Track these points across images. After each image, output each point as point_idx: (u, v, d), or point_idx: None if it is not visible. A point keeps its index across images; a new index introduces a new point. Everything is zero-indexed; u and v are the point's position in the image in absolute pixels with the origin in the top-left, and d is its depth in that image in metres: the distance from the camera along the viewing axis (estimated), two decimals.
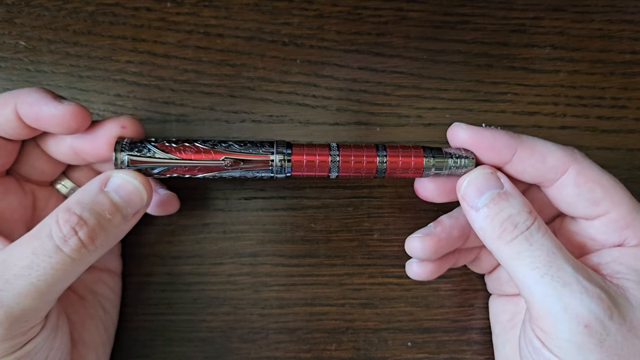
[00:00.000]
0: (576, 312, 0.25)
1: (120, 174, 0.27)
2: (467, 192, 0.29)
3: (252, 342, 0.36)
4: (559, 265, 0.26)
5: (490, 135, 0.28)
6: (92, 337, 0.32)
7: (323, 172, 0.29)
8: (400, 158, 0.29)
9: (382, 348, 0.36)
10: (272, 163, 0.28)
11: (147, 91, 0.35)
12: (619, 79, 0.36)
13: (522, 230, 0.27)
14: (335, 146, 0.29)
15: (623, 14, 0.35)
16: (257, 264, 0.36)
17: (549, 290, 0.25)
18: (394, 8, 0.35)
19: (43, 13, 0.35)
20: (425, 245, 0.30)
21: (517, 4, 0.35)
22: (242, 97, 0.35)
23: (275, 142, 0.29)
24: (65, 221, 0.25)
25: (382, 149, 0.29)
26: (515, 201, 0.27)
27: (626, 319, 0.25)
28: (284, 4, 0.35)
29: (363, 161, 0.29)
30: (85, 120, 0.27)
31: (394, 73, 0.35)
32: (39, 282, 0.25)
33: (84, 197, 0.26)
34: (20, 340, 0.25)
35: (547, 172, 0.28)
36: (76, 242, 0.25)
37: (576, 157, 0.28)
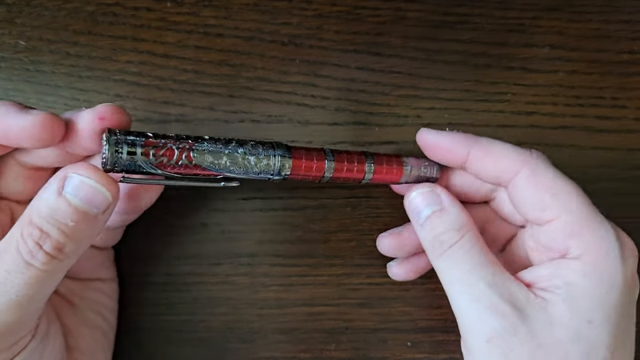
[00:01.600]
0: (479, 327, 0.27)
1: (75, 174, 0.25)
2: (411, 206, 0.31)
3: (250, 342, 0.36)
4: (472, 282, 0.27)
5: (447, 137, 0.30)
6: (88, 344, 0.31)
7: (318, 174, 0.30)
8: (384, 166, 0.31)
9: (381, 348, 0.36)
10: (272, 168, 0.28)
11: (146, 91, 0.35)
12: (617, 78, 0.36)
13: (445, 249, 0.29)
14: (330, 153, 0.30)
15: (620, 14, 0.36)
16: (255, 264, 0.36)
17: (462, 304, 0.28)
18: (392, 8, 0.35)
19: (43, 13, 0.35)
20: (392, 243, 0.33)
21: (515, 4, 0.35)
22: (241, 97, 0.35)
23: (274, 144, 0.29)
24: (29, 235, 0.24)
25: (370, 158, 0.31)
26: (447, 218, 0.29)
27: (536, 336, 0.26)
28: (283, 4, 0.35)
29: (354, 169, 0.31)
30: (58, 130, 0.25)
31: (392, 73, 0.36)
32: (17, 298, 0.24)
33: (42, 206, 0.24)
34: (9, 354, 0.25)
35: (501, 173, 0.29)
36: (43, 256, 0.24)
37: (531, 159, 0.29)
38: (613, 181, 0.36)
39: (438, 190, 0.31)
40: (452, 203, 0.30)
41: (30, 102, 0.35)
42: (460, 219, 0.29)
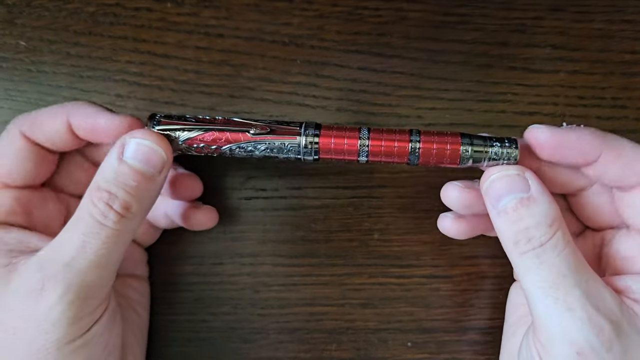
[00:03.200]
0: (572, 338, 0.24)
1: (132, 139, 0.27)
2: (489, 190, 0.27)
3: (252, 342, 0.36)
4: (566, 289, 0.25)
5: (574, 137, 0.27)
6: (129, 340, 0.32)
7: (352, 157, 0.28)
8: (434, 144, 0.27)
9: (383, 348, 0.36)
10: (299, 144, 0.28)
11: (147, 91, 0.35)
12: (619, 79, 0.36)
13: (534, 246, 0.25)
14: (366, 130, 0.28)
15: (623, 14, 0.35)
16: (257, 264, 0.36)
17: (551, 310, 0.25)
18: (394, 8, 0.35)
19: (44, 13, 0.35)
20: (464, 197, 0.29)
21: (517, 4, 0.35)
22: (242, 97, 0.35)
23: (303, 123, 0.29)
24: (99, 199, 0.26)
25: (416, 134, 0.28)
26: (537, 210, 0.26)
27: (627, 353, 0.24)
28: (284, 5, 0.35)
29: (394, 145, 0.28)
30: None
31: (394, 73, 0.35)
32: (97, 258, 0.26)
33: (107, 172, 0.27)
34: (89, 320, 0.27)
35: (632, 177, 0.27)
36: (114, 215, 0.26)
37: None
38: None
39: (527, 174, 0.27)
40: (543, 191, 0.26)
41: (31, 102, 0.35)
42: (552, 211, 0.26)
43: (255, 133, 0.28)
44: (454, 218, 0.31)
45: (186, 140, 0.29)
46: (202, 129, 0.28)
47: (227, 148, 0.29)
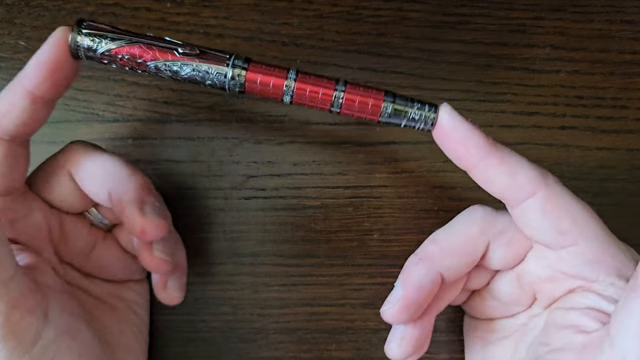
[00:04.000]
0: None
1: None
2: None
3: (252, 342, 0.36)
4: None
5: (467, 130, 0.27)
6: (129, 342, 0.32)
7: (276, 96, 0.28)
8: (358, 97, 0.27)
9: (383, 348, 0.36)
10: (225, 74, 0.27)
11: (147, 91, 0.35)
12: (619, 79, 0.36)
13: None
14: (294, 72, 0.28)
15: (623, 14, 0.35)
16: (257, 264, 0.36)
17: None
18: (394, 8, 0.35)
19: (43, 13, 0.35)
20: (399, 311, 0.28)
21: (517, 4, 0.35)
22: (242, 98, 0.35)
23: (233, 54, 0.28)
24: None
25: (342, 84, 0.28)
26: None
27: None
28: (284, 4, 0.35)
29: (319, 92, 0.28)
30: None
31: (394, 73, 0.35)
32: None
33: None
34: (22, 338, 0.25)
35: (515, 190, 0.27)
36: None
37: (548, 181, 0.27)
38: (614, 181, 0.36)
39: None
40: None
41: None
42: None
43: (184, 53, 0.27)
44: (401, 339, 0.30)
45: (111, 49, 0.27)
46: (130, 41, 0.27)
47: (152, 64, 0.27)
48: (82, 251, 0.32)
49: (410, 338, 0.29)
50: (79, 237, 0.31)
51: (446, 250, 0.29)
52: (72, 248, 0.31)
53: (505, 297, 0.30)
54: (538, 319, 0.30)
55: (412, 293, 0.28)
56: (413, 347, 0.29)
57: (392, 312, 0.28)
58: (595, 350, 0.25)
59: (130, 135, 0.35)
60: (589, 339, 0.26)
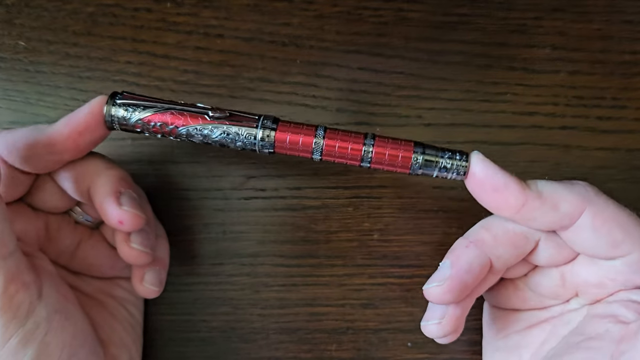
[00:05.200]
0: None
1: None
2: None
3: (252, 342, 0.36)
4: None
5: (502, 179, 0.26)
6: (121, 338, 0.32)
7: (306, 154, 0.29)
8: (387, 150, 0.28)
9: (383, 348, 0.36)
10: (255, 135, 0.28)
11: (147, 92, 0.35)
12: (619, 79, 0.36)
13: None
14: (322, 129, 0.28)
15: (623, 15, 0.35)
16: (257, 264, 0.36)
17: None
18: (394, 8, 0.35)
19: (42, 14, 0.35)
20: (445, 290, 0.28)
21: (517, 4, 0.35)
22: (241, 98, 0.35)
23: (262, 116, 0.29)
24: None
25: (370, 138, 0.28)
26: None
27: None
28: (284, 5, 0.35)
29: (348, 147, 0.28)
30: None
31: (393, 73, 0.35)
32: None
33: None
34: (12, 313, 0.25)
35: (561, 219, 0.27)
36: None
37: (590, 197, 0.26)
38: (614, 182, 0.36)
39: None
40: None
41: (30, 102, 0.35)
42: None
43: (214, 117, 0.28)
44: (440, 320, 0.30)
45: (144, 117, 0.28)
46: (161, 108, 0.28)
47: (183, 129, 0.28)
48: (67, 249, 0.32)
49: (451, 318, 0.29)
50: (65, 236, 0.32)
51: (499, 239, 0.28)
52: (58, 247, 0.31)
53: (543, 290, 0.30)
54: (576, 313, 0.30)
55: (461, 274, 0.28)
56: (453, 327, 0.29)
57: (437, 291, 0.28)
58: (632, 340, 0.25)
59: (130, 136, 0.35)
60: (627, 329, 0.26)
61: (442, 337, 0.30)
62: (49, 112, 0.35)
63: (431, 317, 0.30)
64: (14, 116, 0.35)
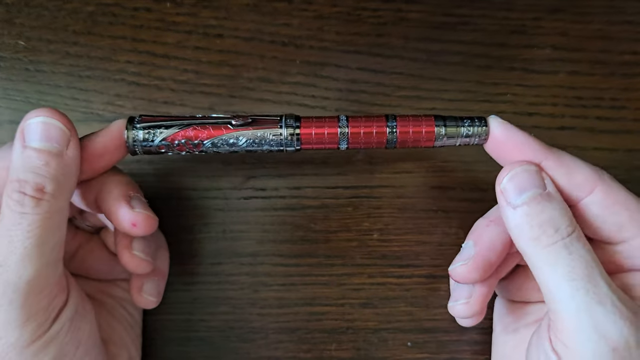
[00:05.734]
0: (606, 334, 0.24)
1: (27, 121, 0.26)
2: (508, 187, 0.27)
3: (251, 342, 0.36)
4: (596, 281, 0.25)
5: (522, 138, 0.28)
6: (120, 337, 0.32)
7: (333, 145, 0.29)
8: (411, 128, 0.29)
9: (382, 348, 0.36)
10: (281, 135, 0.28)
11: (146, 91, 0.35)
12: (619, 80, 0.36)
13: (563, 236, 0.25)
14: (345, 118, 0.29)
15: (623, 15, 0.35)
16: (257, 264, 0.36)
17: (582, 306, 0.24)
18: (393, 9, 0.35)
19: (42, 13, 0.35)
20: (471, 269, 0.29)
21: (517, 4, 0.35)
22: (241, 98, 0.35)
23: (283, 115, 0.29)
24: (12, 190, 0.25)
25: (392, 119, 0.29)
26: (557, 205, 0.26)
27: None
28: (284, 5, 0.35)
29: (373, 132, 0.29)
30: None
31: (393, 74, 0.35)
32: (26, 249, 0.25)
33: (15, 162, 0.26)
34: (43, 318, 0.26)
35: (573, 188, 0.27)
36: (30, 200, 0.25)
37: (604, 177, 0.27)
38: None
39: (543, 174, 0.27)
40: (556, 190, 0.27)
41: (30, 102, 0.35)
42: (568, 208, 0.27)
43: (237, 124, 0.28)
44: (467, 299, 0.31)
45: (167, 137, 0.28)
46: (182, 125, 0.28)
47: (208, 142, 0.28)
48: (66, 254, 0.31)
49: (478, 297, 0.30)
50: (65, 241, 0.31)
51: None
52: None
53: None
54: None
55: (485, 252, 0.29)
56: (480, 306, 0.30)
57: (463, 269, 0.29)
58: None
59: None
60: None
61: (469, 318, 0.30)
62: None
63: (458, 297, 0.30)
64: (14, 115, 0.35)
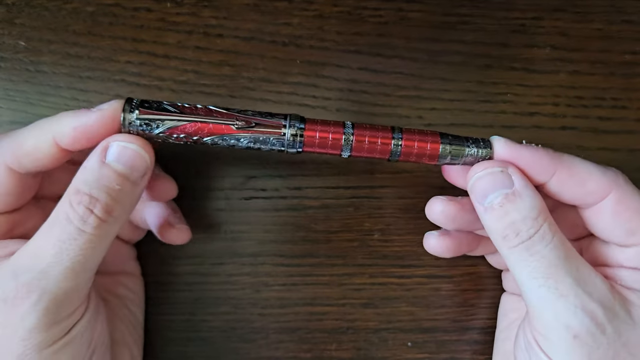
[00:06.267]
0: (566, 323, 0.26)
1: (116, 142, 0.26)
2: (475, 187, 0.28)
3: (252, 342, 0.36)
4: (558, 277, 0.26)
5: (529, 155, 0.28)
6: (123, 336, 0.33)
7: (335, 151, 0.29)
8: (416, 143, 0.28)
9: (383, 348, 0.36)
10: (284, 135, 0.28)
11: (147, 91, 0.35)
12: (620, 79, 0.36)
13: (522, 240, 0.26)
14: (350, 125, 0.28)
15: (623, 15, 0.35)
16: (258, 264, 0.36)
17: (544, 300, 0.26)
18: (394, 8, 0.35)
19: (43, 13, 0.35)
20: (448, 209, 0.30)
21: (517, 4, 0.35)
22: (241, 98, 0.35)
23: (288, 115, 0.28)
24: (78, 203, 0.25)
25: (398, 131, 0.28)
26: (522, 204, 0.26)
27: (621, 335, 0.26)
28: (284, 5, 0.35)
29: (377, 142, 0.28)
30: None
31: (394, 73, 0.35)
32: (73, 264, 0.25)
33: (88, 175, 0.26)
34: (68, 323, 0.26)
35: (586, 196, 0.28)
36: (94, 220, 0.25)
37: (619, 182, 0.27)
38: None
39: (510, 170, 0.27)
40: (526, 185, 0.27)
41: (31, 102, 0.35)
42: (537, 204, 0.27)
43: (240, 127, 0.28)
44: (439, 235, 0.32)
45: (167, 130, 0.27)
46: (184, 119, 0.27)
47: (208, 139, 0.28)
48: None
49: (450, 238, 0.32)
50: None
51: None
52: None
53: None
54: None
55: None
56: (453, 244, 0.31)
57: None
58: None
59: None
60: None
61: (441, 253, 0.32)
62: (50, 112, 0.35)
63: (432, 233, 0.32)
64: (15, 116, 0.35)
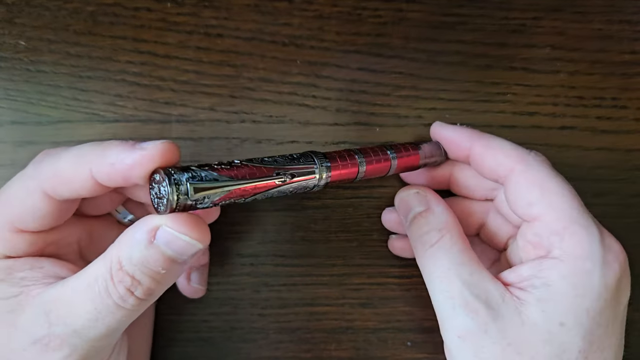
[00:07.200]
0: (452, 323, 0.28)
1: (167, 228, 0.24)
2: (400, 207, 0.34)
3: (252, 342, 0.36)
4: (449, 280, 0.29)
5: (451, 131, 0.33)
6: (138, 346, 0.33)
7: (349, 181, 0.31)
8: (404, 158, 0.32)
9: (382, 348, 0.36)
10: (317, 180, 0.28)
11: (147, 91, 0.35)
12: (619, 79, 0.36)
13: (426, 248, 0.31)
14: (363, 160, 0.31)
15: (622, 14, 0.35)
16: (258, 264, 0.36)
17: (439, 301, 0.29)
18: (393, 9, 0.35)
19: (43, 13, 0.35)
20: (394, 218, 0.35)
21: (517, 4, 0.35)
22: (242, 98, 0.35)
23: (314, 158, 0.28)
24: (120, 281, 0.24)
25: (392, 152, 0.32)
26: (432, 219, 0.31)
27: (507, 335, 0.27)
28: (284, 5, 0.35)
29: (381, 166, 0.31)
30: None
31: (393, 74, 0.35)
32: (107, 330, 0.25)
33: (134, 253, 0.24)
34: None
35: (498, 168, 0.30)
36: (134, 300, 0.25)
37: (527, 158, 0.30)
38: (613, 182, 0.36)
39: (425, 192, 0.33)
40: (438, 203, 0.32)
41: (32, 102, 0.35)
42: (442, 219, 0.31)
43: (283, 182, 0.27)
44: (399, 237, 0.36)
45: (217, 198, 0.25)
46: (232, 185, 0.25)
47: (251, 198, 0.26)
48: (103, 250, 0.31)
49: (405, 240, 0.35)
50: (107, 239, 0.29)
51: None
52: (97, 250, 0.29)
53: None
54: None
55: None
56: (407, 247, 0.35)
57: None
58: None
59: (131, 136, 0.35)
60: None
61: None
62: (51, 111, 0.35)
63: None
64: (15, 116, 0.35)
